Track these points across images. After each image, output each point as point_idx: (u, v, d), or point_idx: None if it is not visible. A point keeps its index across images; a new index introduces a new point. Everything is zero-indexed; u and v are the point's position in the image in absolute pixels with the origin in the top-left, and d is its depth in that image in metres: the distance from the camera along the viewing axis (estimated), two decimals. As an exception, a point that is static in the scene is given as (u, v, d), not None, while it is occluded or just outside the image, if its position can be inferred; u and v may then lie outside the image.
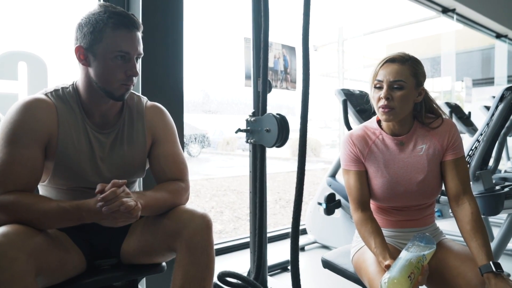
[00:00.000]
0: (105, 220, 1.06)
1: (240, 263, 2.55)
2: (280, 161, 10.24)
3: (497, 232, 2.24)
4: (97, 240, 1.27)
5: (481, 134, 1.95)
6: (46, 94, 1.19)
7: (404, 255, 1.09)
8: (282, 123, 1.82)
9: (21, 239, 0.98)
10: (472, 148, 1.95)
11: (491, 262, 1.11)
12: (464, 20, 5.09)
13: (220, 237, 4.02)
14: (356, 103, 2.25)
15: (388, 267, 1.09)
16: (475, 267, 1.14)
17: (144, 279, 1.75)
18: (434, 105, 1.36)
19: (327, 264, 1.49)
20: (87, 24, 1.13)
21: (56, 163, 1.17)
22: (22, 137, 1.09)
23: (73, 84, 1.24)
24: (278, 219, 4.85)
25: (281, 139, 1.84)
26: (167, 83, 1.83)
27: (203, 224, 1.18)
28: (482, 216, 2.67)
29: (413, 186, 1.28)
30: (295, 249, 1.66)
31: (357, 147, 1.33)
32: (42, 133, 1.13)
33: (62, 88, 1.22)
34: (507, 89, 1.89)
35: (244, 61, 2.16)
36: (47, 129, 1.14)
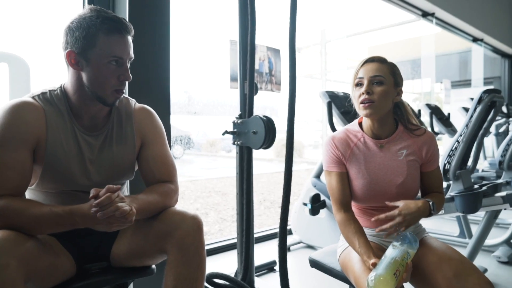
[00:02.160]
0: (99, 225, 1.05)
1: (226, 265, 2.56)
2: (263, 162, 10.27)
3: (475, 229, 2.32)
4: (86, 243, 1.26)
5: (461, 135, 2.01)
6: (33, 97, 1.18)
7: (390, 253, 1.13)
8: (269, 125, 1.84)
9: (12, 245, 0.97)
10: (453, 149, 2.02)
11: (431, 202, 1.29)
12: (443, 24, 5.23)
13: (205, 239, 4.01)
14: (340, 105, 2.28)
15: (374, 265, 1.12)
16: (451, 261, 1.20)
17: (132, 282, 1.74)
18: (411, 117, 1.41)
19: (314, 264, 1.51)
20: (79, 28, 1.13)
21: (45, 166, 1.16)
22: (11, 140, 1.08)
23: (61, 87, 1.23)
24: (263, 220, 4.87)
25: (268, 141, 1.86)
26: (153, 85, 1.83)
27: (194, 225, 1.19)
28: (462, 214, 2.76)
29: (392, 188, 1.33)
30: (283, 249, 1.68)
31: (339, 149, 1.37)
32: (30, 136, 1.12)
33: (50, 91, 1.21)
34: (485, 91, 1.96)
35: (229, 63, 2.17)
36: (35, 132, 1.13)
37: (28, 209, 1.04)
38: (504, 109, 4.38)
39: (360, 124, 1.42)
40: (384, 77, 1.30)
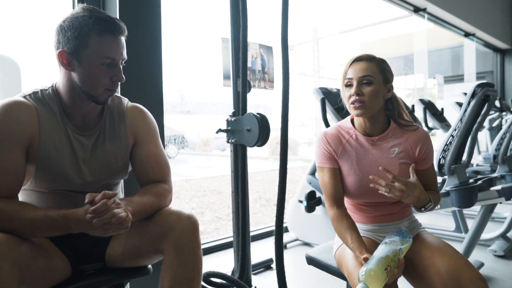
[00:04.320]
0: (94, 230, 1.04)
1: (222, 263, 2.55)
2: (258, 160, 10.27)
3: (471, 224, 2.33)
4: (81, 244, 1.24)
5: (455, 130, 2.02)
6: (25, 97, 1.16)
7: (382, 248, 1.13)
8: (262, 122, 1.84)
9: (4, 248, 0.95)
10: (447, 143, 2.02)
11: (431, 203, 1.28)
12: (435, 19, 5.25)
13: (201, 238, 4.00)
14: (333, 101, 2.28)
15: (366, 260, 1.12)
16: (444, 257, 1.20)
17: (128, 282, 1.73)
18: (403, 112, 1.40)
19: (311, 261, 1.51)
20: (71, 28, 1.10)
21: (38, 166, 1.14)
22: (3, 141, 1.07)
23: (52, 86, 1.21)
24: (259, 218, 4.86)
25: (262, 138, 1.85)
26: (146, 84, 1.81)
27: (190, 225, 1.18)
28: (457, 209, 2.78)
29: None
30: (280, 247, 1.67)
31: (331, 145, 1.36)
32: (23, 136, 1.10)
33: (41, 90, 1.20)
34: (478, 85, 1.96)
35: (222, 61, 2.16)
36: (28, 132, 1.11)
37: (21, 213, 1.03)
38: (497, 103, 4.41)
39: (352, 121, 1.41)
40: (373, 76, 1.29)
